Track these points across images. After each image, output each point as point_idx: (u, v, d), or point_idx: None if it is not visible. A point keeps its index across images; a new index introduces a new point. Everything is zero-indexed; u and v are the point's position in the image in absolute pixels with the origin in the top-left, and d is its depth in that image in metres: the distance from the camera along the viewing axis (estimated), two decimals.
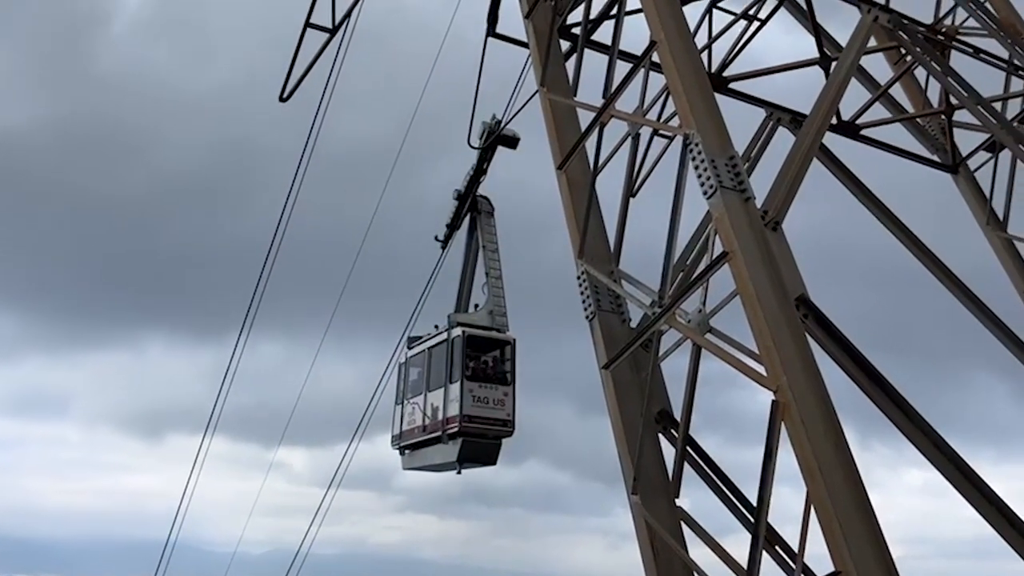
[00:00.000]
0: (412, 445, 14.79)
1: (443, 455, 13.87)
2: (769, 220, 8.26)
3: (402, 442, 14.97)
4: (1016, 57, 12.27)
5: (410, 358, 15.27)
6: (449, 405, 13.70)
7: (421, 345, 15.02)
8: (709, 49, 13.81)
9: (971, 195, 13.19)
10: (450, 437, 13.59)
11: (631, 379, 8.43)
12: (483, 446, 13.52)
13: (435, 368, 14.40)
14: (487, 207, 15.12)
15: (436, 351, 14.46)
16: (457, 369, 13.66)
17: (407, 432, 14.86)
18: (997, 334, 11.44)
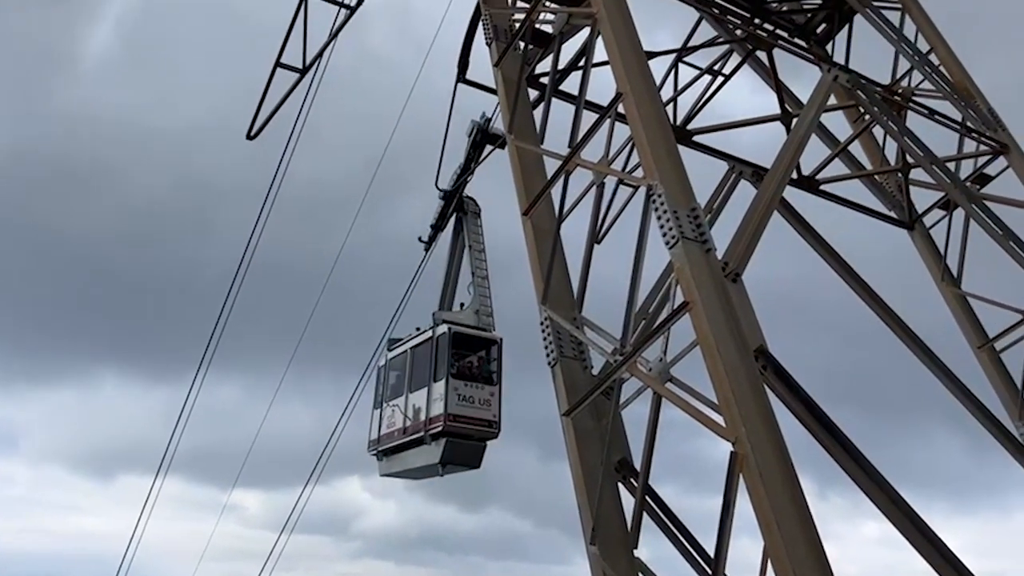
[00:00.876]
0: (391, 449, 14.09)
1: (425, 457, 13.26)
2: (730, 271, 8.36)
3: (380, 446, 14.30)
4: (969, 119, 12.67)
5: (390, 360, 14.75)
6: (433, 405, 13.14)
7: (403, 346, 14.51)
8: (675, 102, 14.12)
9: (926, 251, 13.49)
10: (433, 438, 13.01)
11: (592, 427, 8.40)
12: (467, 447, 12.93)
13: (418, 368, 13.86)
14: (474, 207, 14.83)
15: (419, 350, 13.94)
16: (442, 367, 13.11)
17: (386, 436, 14.20)
18: (951, 388, 11.63)
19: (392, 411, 14.17)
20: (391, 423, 14.17)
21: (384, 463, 14.48)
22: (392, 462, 14.25)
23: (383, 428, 14.38)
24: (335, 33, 15.95)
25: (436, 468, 13.23)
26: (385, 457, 14.44)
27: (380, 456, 14.55)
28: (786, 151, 10.67)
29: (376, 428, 14.60)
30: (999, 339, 12.50)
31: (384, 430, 14.33)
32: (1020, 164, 12.47)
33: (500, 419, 13.16)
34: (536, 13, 10.68)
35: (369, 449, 14.76)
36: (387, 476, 14.66)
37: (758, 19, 13.91)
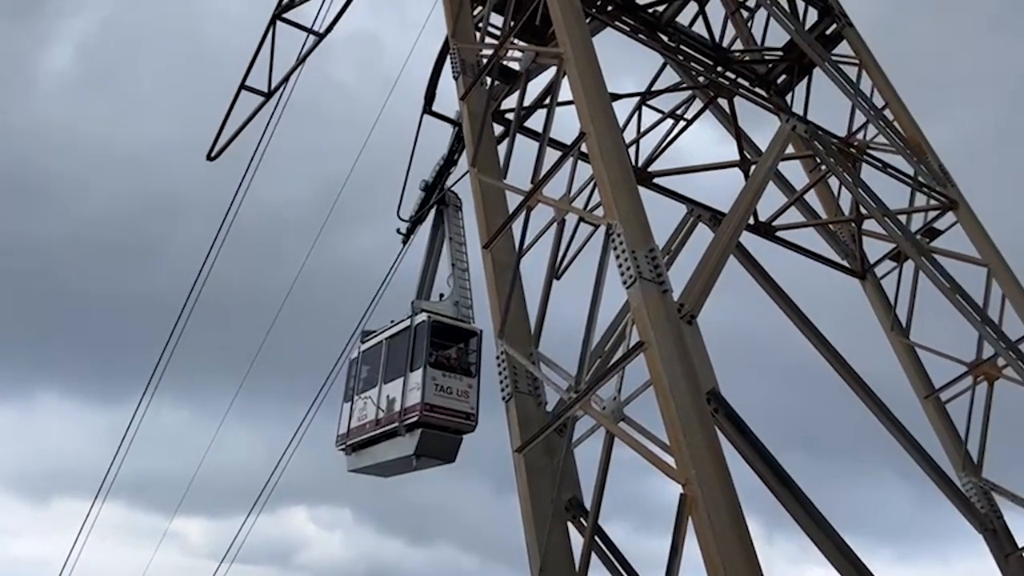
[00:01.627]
0: (361, 443, 13.57)
1: (398, 449, 12.77)
2: (685, 313, 8.44)
3: (349, 440, 13.73)
4: (920, 174, 13.04)
5: (364, 352, 14.27)
6: (409, 394, 12.69)
7: (377, 336, 14.09)
8: (637, 144, 14.34)
9: (877, 301, 13.76)
10: (408, 429, 12.57)
11: (544, 464, 8.34)
12: (443, 440, 12.46)
13: (394, 358, 13.42)
14: (455, 201, 14.52)
15: (396, 340, 13.52)
16: (420, 356, 12.69)
17: (356, 429, 13.64)
18: (898, 436, 11.80)
19: (364, 403, 13.69)
20: (362, 416, 13.68)
21: (353, 458, 13.94)
22: (362, 456, 13.72)
23: (353, 422, 13.84)
24: (302, 58, 15.94)
25: (410, 460, 12.73)
26: (354, 452, 13.88)
27: (349, 451, 13.98)
28: (743, 197, 10.86)
29: (345, 422, 14.04)
30: (944, 390, 12.75)
31: (355, 423, 13.79)
32: (968, 220, 12.83)
33: (478, 412, 12.78)
34: (504, 50, 10.79)
35: (337, 444, 14.21)
36: (356, 472, 14.07)
37: (721, 67, 14.22)
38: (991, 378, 12.17)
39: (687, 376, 7.07)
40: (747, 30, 15.42)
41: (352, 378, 14.42)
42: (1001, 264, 12.35)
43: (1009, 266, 12.36)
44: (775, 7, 13.44)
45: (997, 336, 11.55)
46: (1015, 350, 11.41)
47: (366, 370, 14.14)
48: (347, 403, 14.29)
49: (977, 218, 12.85)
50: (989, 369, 12.19)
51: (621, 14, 13.39)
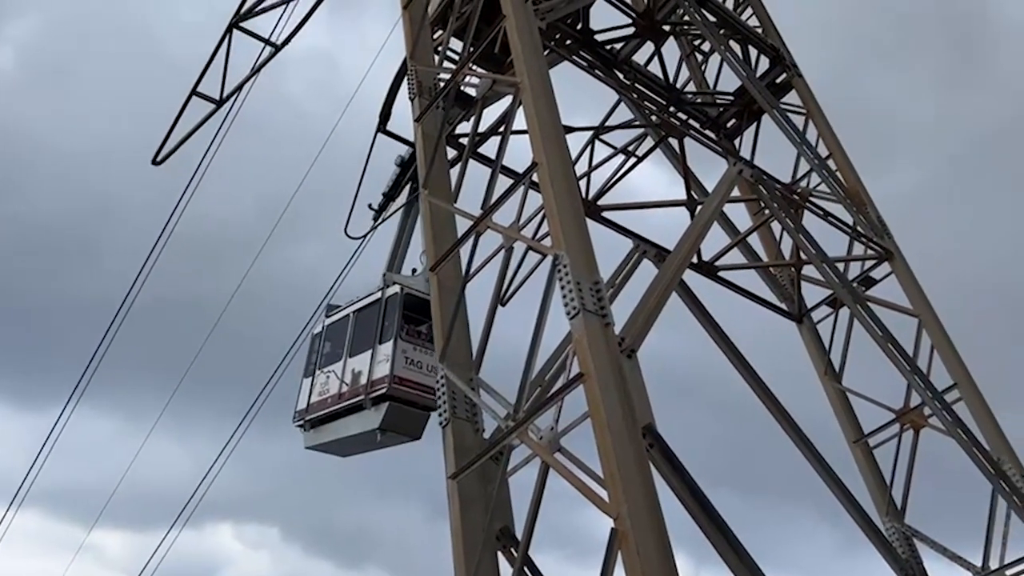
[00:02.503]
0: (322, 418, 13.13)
1: (362, 423, 12.40)
2: (625, 347, 8.50)
3: (309, 415, 13.29)
4: (859, 224, 13.42)
5: (328, 326, 13.88)
6: (377, 367, 12.32)
7: (344, 310, 13.71)
8: (588, 177, 14.48)
9: (812, 345, 14.06)
10: (374, 402, 12.20)
11: (478, 492, 8.27)
12: (410, 415, 12.08)
13: (361, 330, 13.08)
14: None
15: (364, 313, 13.18)
16: (391, 328, 12.37)
17: (317, 403, 13.22)
18: (825, 478, 11.99)
19: (327, 378, 13.29)
20: (324, 390, 13.28)
21: (311, 434, 13.50)
22: (321, 432, 13.29)
23: (314, 396, 13.42)
24: (257, 69, 15.81)
25: (374, 435, 12.35)
26: (313, 428, 13.45)
27: (307, 427, 13.54)
28: (688, 236, 11.03)
29: (305, 397, 13.61)
30: (872, 435, 13.05)
31: (315, 398, 13.38)
32: (902, 271, 13.24)
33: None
34: (461, 75, 10.84)
35: (295, 420, 13.78)
36: (313, 449, 13.61)
37: (673, 107, 14.51)
38: (917, 426, 12.50)
39: (624, 410, 7.11)
40: (701, 73, 15.79)
41: (314, 353, 14.01)
42: (931, 316, 12.74)
43: (939, 318, 12.76)
44: (729, 53, 13.78)
45: (925, 385, 11.88)
46: (941, 400, 11.75)
47: (330, 344, 13.73)
48: (307, 378, 13.83)
49: (911, 270, 13.26)
50: (916, 417, 12.52)
51: (579, 48, 13.58)
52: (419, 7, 12.20)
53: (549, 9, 11.32)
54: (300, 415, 13.66)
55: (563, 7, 11.87)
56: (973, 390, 12.09)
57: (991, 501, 11.39)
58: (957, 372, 12.26)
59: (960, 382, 12.16)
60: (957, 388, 12.14)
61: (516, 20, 10.07)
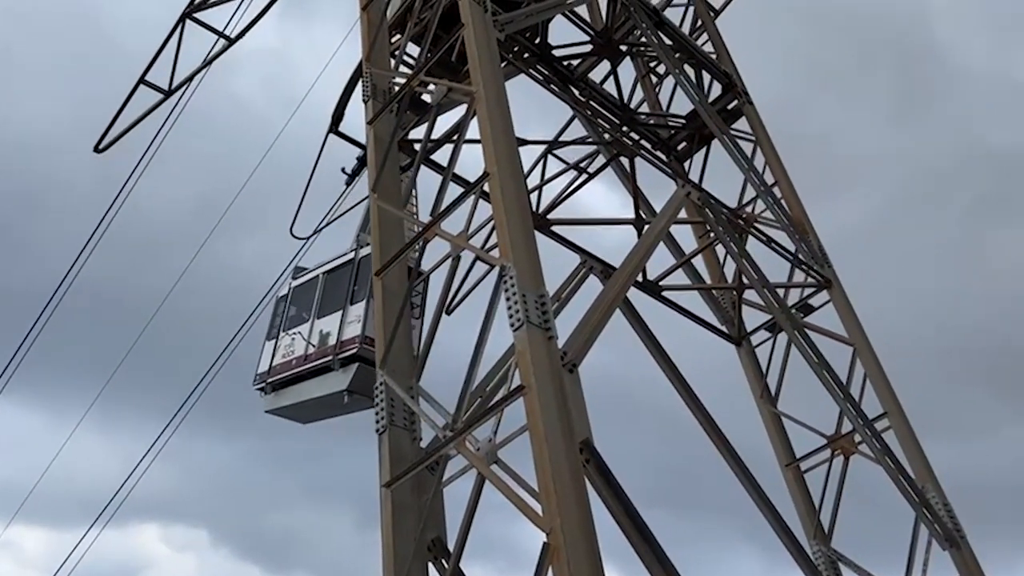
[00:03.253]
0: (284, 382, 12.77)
1: (329, 385, 12.09)
2: (568, 361, 8.51)
3: (271, 377, 12.90)
4: (801, 252, 13.70)
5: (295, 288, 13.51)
6: (347, 328, 12.03)
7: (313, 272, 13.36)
8: (540, 190, 14.54)
9: (750, 368, 14.28)
10: (343, 363, 11.90)
11: (411, 501, 8.18)
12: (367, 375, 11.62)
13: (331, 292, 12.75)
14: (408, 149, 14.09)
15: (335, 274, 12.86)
16: (363, 289, 12.03)
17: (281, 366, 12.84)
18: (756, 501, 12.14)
19: (292, 339, 12.96)
20: (288, 352, 12.93)
21: (272, 398, 13.12)
22: (283, 396, 12.93)
23: (277, 359, 13.05)
24: (209, 60, 15.51)
25: (340, 397, 12.01)
26: (274, 391, 13.08)
27: (268, 390, 13.15)
28: (634, 254, 11.13)
29: (267, 360, 13.22)
30: (804, 459, 13.27)
31: (279, 360, 13.01)
32: (840, 300, 13.54)
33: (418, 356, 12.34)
34: (417, 81, 10.78)
35: (255, 383, 13.37)
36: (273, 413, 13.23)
37: (626, 127, 14.65)
38: (847, 452, 12.76)
39: (563, 424, 7.10)
40: (655, 95, 16.00)
41: (278, 316, 13.63)
42: (866, 345, 13.05)
43: (873, 348, 13.08)
44: (683, 76, 13.98)
45: (856, 413, 12.14)
46: (871, 428, 12.02)
47: (295, 307, 13.41)
48: (270, 341, 13.50)
49: (848, 299, 13.57)
50: (846, 444, 12.78)
51: (536, 62, 13.64)
52: (377, 10, 12.12)
53: (508, 21, 11.34)
54: (261, 378, 13.27)
55: (522, 20, 11.91)
56: (902, 419, 12.41)
57: (914, 528, 11.67)
58: (888, 401, 12.56)
59: (890, 411, 12.46)
60: (887, 417, 12.44)
61: (475, 30, 10.06)
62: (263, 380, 13.23)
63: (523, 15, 11.91)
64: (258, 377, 13.38)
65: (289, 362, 12.90)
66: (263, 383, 13.23)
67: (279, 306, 13.83)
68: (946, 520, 11.56)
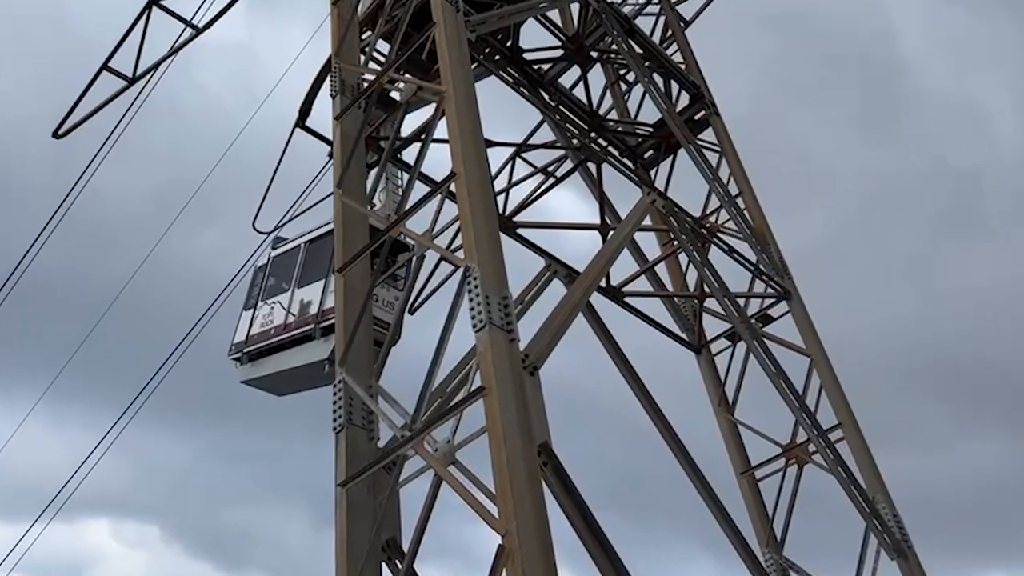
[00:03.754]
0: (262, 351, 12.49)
1: (309, 355, 11.81)
2: (529, 364, 8.51)
3: (248, 347, 12.60)
4: (762, 263, 13.87)
5: (275, 257, 13.23)
6: (329, 296, 11.64)
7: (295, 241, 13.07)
8: (507, 193, 14.54)
9: (709, 376, 14.41)
10: (324, 332, 11.60)
11: (366, 501, 8.12)
12: None
13: (314, 260, 12.45)
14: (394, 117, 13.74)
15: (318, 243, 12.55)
16: None
17: (258, 335, 12.55)
18: (711, 507, 12.26)
19: (271, 309, 12.67)
20: (267, 321, 12.64)
21: (248, 368, 12.81)
22: (260, 366, 12.64)
23: (255, 328, 12.76)
24: (175, 49, 15.28)
25: (321, 367, 11.67)
26: (251, 361, 12.79)
27: (244, 360, 12.85)
28: (598, 260, 11.17)
29: (244, 329, 12.92)
30: (759, 468, 13.43)
31: (256, 330, 12.72)
32: (799, 311, 13.73)
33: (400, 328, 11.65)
34: (386, 78, 10.72)
35: (231, 353, 13.06)
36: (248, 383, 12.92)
37: (595, 133, 14.72)
38: (801, 462, 12.93)
39: (522, 427, 7.10)
40: (623, 102, 16.09)
41: (256, 286, 13.35)
42: (822, 356, 13.24)
43: (829, 359, 13.27)
44: (652, 85, 14.08)
45: (811, 423, 12.31)
46: (825, 438, 12.20)
47: (275, 278, 13.17)
48: (247, 311, 13.21)
49: (807, 311, 13.76)
50: (800, 453, 12.96)
51: (507, 65, 13.65)
52: (348, 5, 12.03)
53: (480, 22, 11.33)
54: (237, 347, 12.96)
55: (494, 21, 11.91)
56: (856, 431, 12.61)
57: (863, 538, 11.86)
58: (842, 412, 12.75)
59: (844, 422, 12.65)
60: (841, 428, 12.63)
61: (446, 29, 10.04)
62: (239, 350, 12.94)
63: (495, 17, 11.91)
64: (234, 347, 13.08)
65: (268, 331, 12.65)
66: (239, 353, 12.94)
67: (257, 276, 13.53)
68: (895, 531, 11.76)
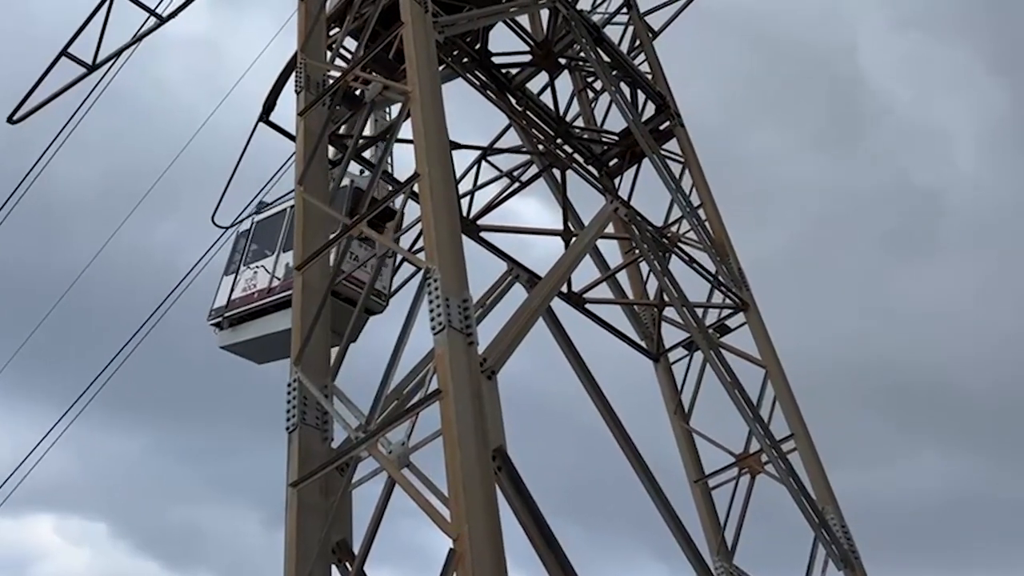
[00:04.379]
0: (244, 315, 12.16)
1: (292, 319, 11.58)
2: (487, 368, 8.47)
3: (229, 311, 12.27)
4: (721, 274, 14.02)
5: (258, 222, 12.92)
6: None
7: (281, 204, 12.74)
8: (472, 195, 14.52)
9: (666, 384, 14.52)
10: None
11: (318, 502, 8.02)
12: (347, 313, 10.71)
13: None
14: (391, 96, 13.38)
15: None
16: None
17: (241, 299, 12.19)
18: (664, 514, 12.32)
19: (254, 273, 12.34)
20: (250, 286, 12.31)
21: (228, 333, 12.50)
22: (241, 331, 12.32)
23: (237, 293, 12.43)
24: (138, 38, 15.01)
25: None
26: (232, 327, 12.48)
27: (225, 324, 12.53)
28: (560, 266, 11.19)
29: (226, 294, 12.60)
30: (712, 476, 13.56)
31: (239, 294, 12.38)
32: (755, 322, 13.89)
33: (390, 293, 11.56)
34: (352, 76, 10.64)
35: (210, 318, 12.75)
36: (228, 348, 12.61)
37: (560, 139, 14.77)
38: (754, 471, 13.08)
39: (477, 431, 7.08)
40: (590, 110, 16.19)
41: (238, 252, 13.04)
42: (777, 368, 13.42)
43: (784, 371, 13.45)
44: (618, 94, 14.16)
45: (764, 433, 12.45)
46: (778, 449, 12.35)
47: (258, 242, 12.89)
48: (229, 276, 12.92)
49: (763, 323, 13.93)
50: (753, 463, 13.10)
51: (475, 68, 13.64)
52: (316, 1, 11.93)
53: (449, 24, 11.30)
54: (217, 312, 12.65)
55: (463, 24, 11.89)
56: (808, 442, 12.78)
57: (812, 548, 12.02)
58: (795, 424, 12.93)
59: (797, 433, 12.83)
60: (793, 439, 12.80)
61: (414, 29, 9.99)
62: (219, 315, 12.64)
63: (464, 19, 11.89)
64: (213, 312, 12.78)
65: (251, 295, 12.33)
66: (219, 317, 12.63)
67: (239, 242, 13.23)
68: (843, 541, 11.94)
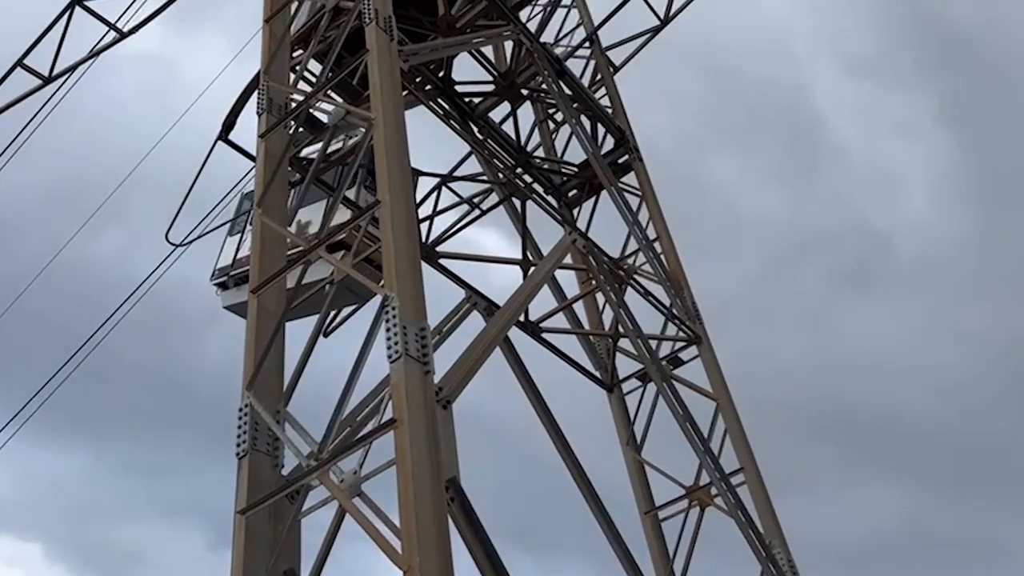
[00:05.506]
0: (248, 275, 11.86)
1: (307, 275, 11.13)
2: (442, 397, 8.45)
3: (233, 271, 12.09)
4: (675, 307, 14.20)
5: None
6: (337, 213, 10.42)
7: None
8: (431, 221, 14.54)
9: (619, 415, 14.60)
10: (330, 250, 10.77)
11: (266, 530, 7.88)
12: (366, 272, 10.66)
13: None
14: None
15: None
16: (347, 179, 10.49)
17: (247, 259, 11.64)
18: (614, 546, 12.34)
19: None
20: None
21: (233, 292, 12.28)
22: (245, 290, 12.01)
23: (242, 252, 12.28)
24: (97, 52, 14.82)
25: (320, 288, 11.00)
26: (236, 286, 12.24)
27: (229, 284, 12.33)
28: (518, 295, 11.25)
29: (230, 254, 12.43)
30: (662, 508, 13.63)
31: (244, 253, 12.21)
32: (708, 356, 14.08)
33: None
34: (316, 100, 10.64)
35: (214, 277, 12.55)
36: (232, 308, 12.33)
37: (521, 169, 14.90)
38: (704, 504, 13.18)
39: (431, 461, 7.04)
40: (551, 141, 16.36)
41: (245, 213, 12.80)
42: (728, 402, 13.59)
43: (735, 405, 13.63)
44: (579, 127, 14.35)
45: (714, 466, 12.58)
46: (727, 482, 12.47)
47: None
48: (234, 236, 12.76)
49: (716, 357, 14.12)
50: (703, 496, 13.21)
51: (438, 96, 13.73)
52: (281, 23, 11.92)
53: (414, 52, 11.38)
54: (221, 272, 12.46)
55: (427, 53, 11.98)
56: (756, 476, 12.94)
57: None
58: (744, 457, 13.08)
59: (746, 467, 12.98)
60: (743, 472, 12.95)
61: (379, 56, 10.04)
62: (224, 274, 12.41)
63: (428, 48, 11.99)
64: (217, 272, 12.56)
65: None
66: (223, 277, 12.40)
67: (244, 203, 13.05)
68: (789, 575, 12.07)
